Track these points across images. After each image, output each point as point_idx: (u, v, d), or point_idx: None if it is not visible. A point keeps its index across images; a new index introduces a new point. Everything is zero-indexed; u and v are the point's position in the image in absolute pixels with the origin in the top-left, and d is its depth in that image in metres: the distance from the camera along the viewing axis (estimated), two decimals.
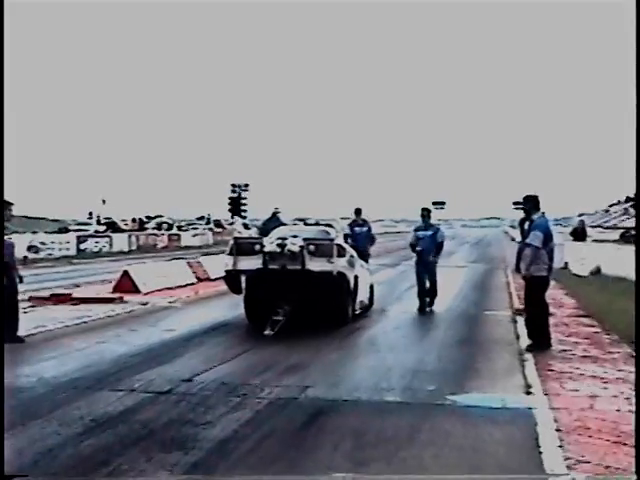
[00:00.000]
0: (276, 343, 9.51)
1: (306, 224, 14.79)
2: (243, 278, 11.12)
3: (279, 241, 10.51)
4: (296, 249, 10.27)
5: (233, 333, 10.56)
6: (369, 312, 12.58)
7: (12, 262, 10.13)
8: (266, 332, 9.91)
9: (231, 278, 11.28)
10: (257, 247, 10.64)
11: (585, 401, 6.66)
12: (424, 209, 13.55)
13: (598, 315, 11.98)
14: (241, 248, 10.95)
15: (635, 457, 3.15)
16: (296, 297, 10.50)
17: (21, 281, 10.33)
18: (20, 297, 10.49)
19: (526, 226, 9.76)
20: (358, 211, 15.37)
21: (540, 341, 9.17)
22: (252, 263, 10.60)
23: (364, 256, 13.92)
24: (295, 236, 10.72)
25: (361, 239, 14.66)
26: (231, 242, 11.50)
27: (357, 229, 15.07)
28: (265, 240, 10.89)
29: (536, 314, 9.43)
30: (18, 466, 4.88)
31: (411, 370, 8.18)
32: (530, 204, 9.68)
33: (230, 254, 11.04)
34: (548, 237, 9.39)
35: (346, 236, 14.22)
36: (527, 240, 9.36)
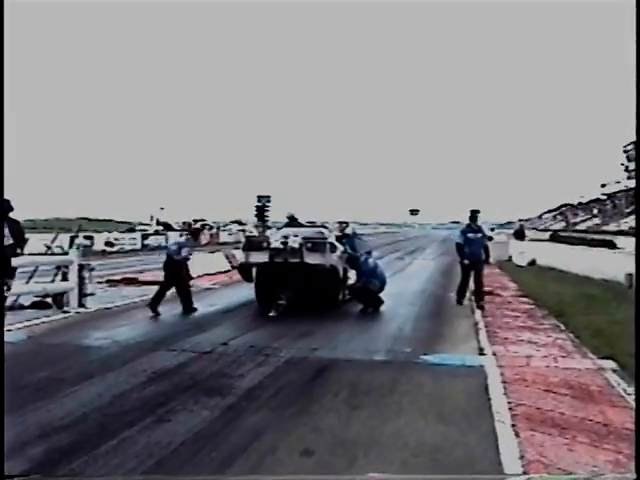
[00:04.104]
0: (289, 317, 9.49)
1: (306, 225, 13.91)
2: (254, 269, 10.82)
3: (282, 239, 10.25)
4: (296, 246, 10.01)
5: (257, 308, 10.52)
6: None
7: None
8: (271, 314, 9.62)
9: (244, 269, 11.01)
10: (265, 244, 10.36)
11: (523, 360, 6.64)
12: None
13: (533, 295, 11.96)
14: (252, 245, 10.65)
15: (635, 457, 3.11)
16: (296, 285, 10.20)
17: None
18: (99, 279, 10.52)
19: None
20: (474, 215, 11.17)
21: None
22: (260, 257, 10.28)
23: (479, 264, 10.92)
24: (296, 235, 10.42)
25: (476, 246, 10.87)
26: (243, 240, 11.32)
27: (471, 235, 10.94)
28: (271, 238, 10.63)
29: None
30: (98, 404, 4.91)
31: (392, 337, 8.17)
32: (344, 225, 12.08)
33: (243, 250, 10.81)
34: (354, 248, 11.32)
35: (459, 245, 11.12)
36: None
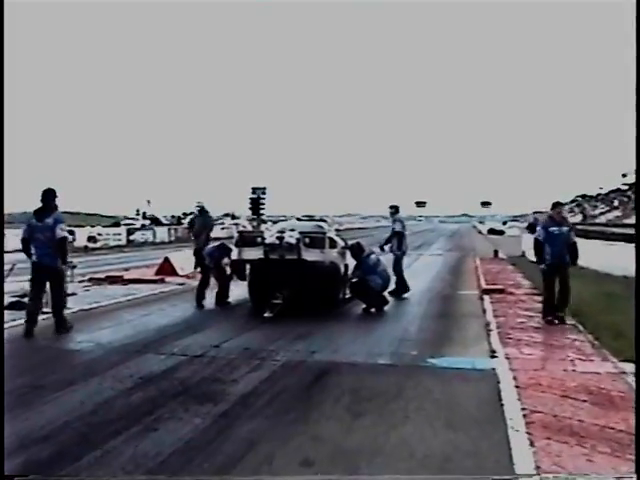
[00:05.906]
0: (286, 317, 9.46)
1: (299, 219, 13.67)
2: (247, 266, 10.76)
3: (278, 234, 10.15)
4: (293, 241, 9.93)
5: (251, 308, 10.51)
6: None
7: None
8: (266, 314, 9.58)
9: (237, 266, 10.94)
10: (259, 239, 10.28)
11: (538, 363, 6.64)
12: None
13: None
14: (245, 240, 10.59)
15: (635, 457, 3.09)
16: (293, 283, 10.08)
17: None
18: (81, 278, 10.51)
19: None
20: (557, 205, 9.46)
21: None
22: (255, 253, 10.23)
23: (564, 267, 9.13)
24: (292, 230, 10.33)
25: (560, 244, 9.09)
26: (236, 235, 11.27)
27: (554, 229, 9.10)
28: (266, 233, 10.55)
29: None
30: (80, 411, 4.90)
31: (397, 338, 8.16)
32: (393, 210, 13.14)
33: (236, 245, 10.73)
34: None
35: (537, 241, 9.32)
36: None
